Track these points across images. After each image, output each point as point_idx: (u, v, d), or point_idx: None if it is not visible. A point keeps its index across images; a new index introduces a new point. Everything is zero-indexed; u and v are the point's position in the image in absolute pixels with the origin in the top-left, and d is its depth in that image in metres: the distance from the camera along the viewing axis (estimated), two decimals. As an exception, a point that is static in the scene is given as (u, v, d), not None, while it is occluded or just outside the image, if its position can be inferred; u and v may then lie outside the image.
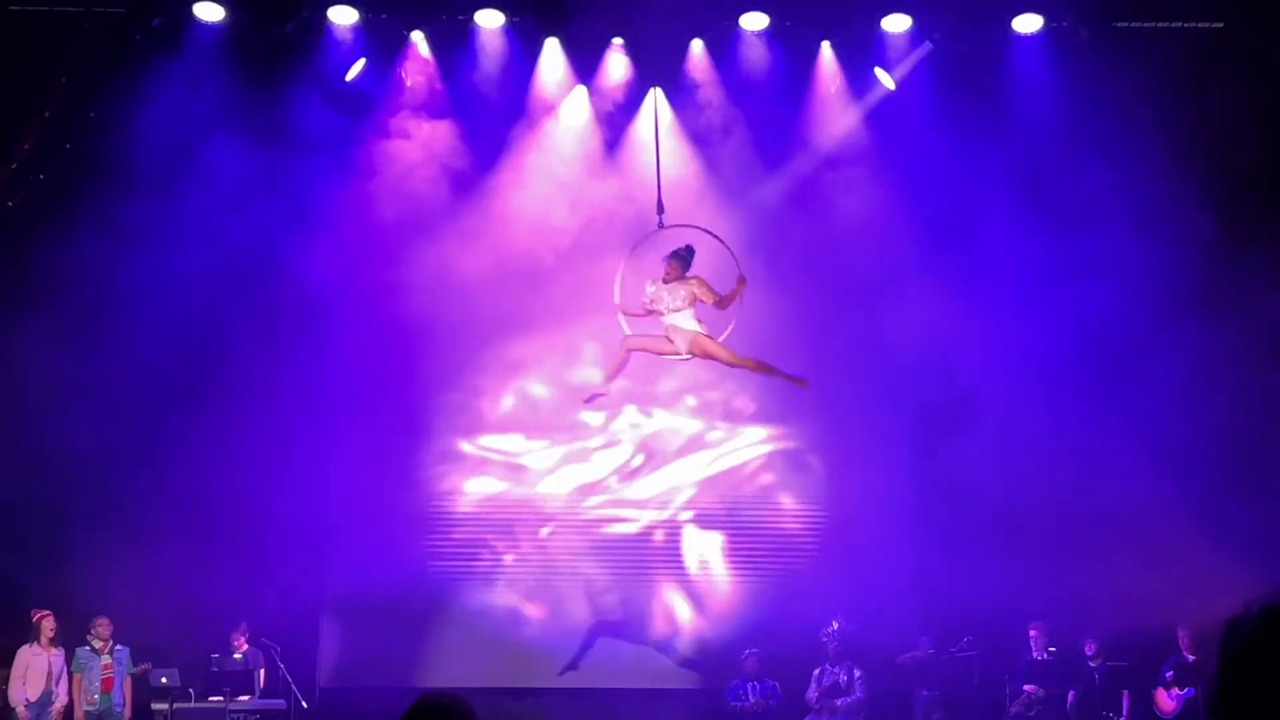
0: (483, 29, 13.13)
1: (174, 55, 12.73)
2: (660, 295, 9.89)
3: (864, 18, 13.13)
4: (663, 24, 12.90)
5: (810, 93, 13.49)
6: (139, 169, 12.53)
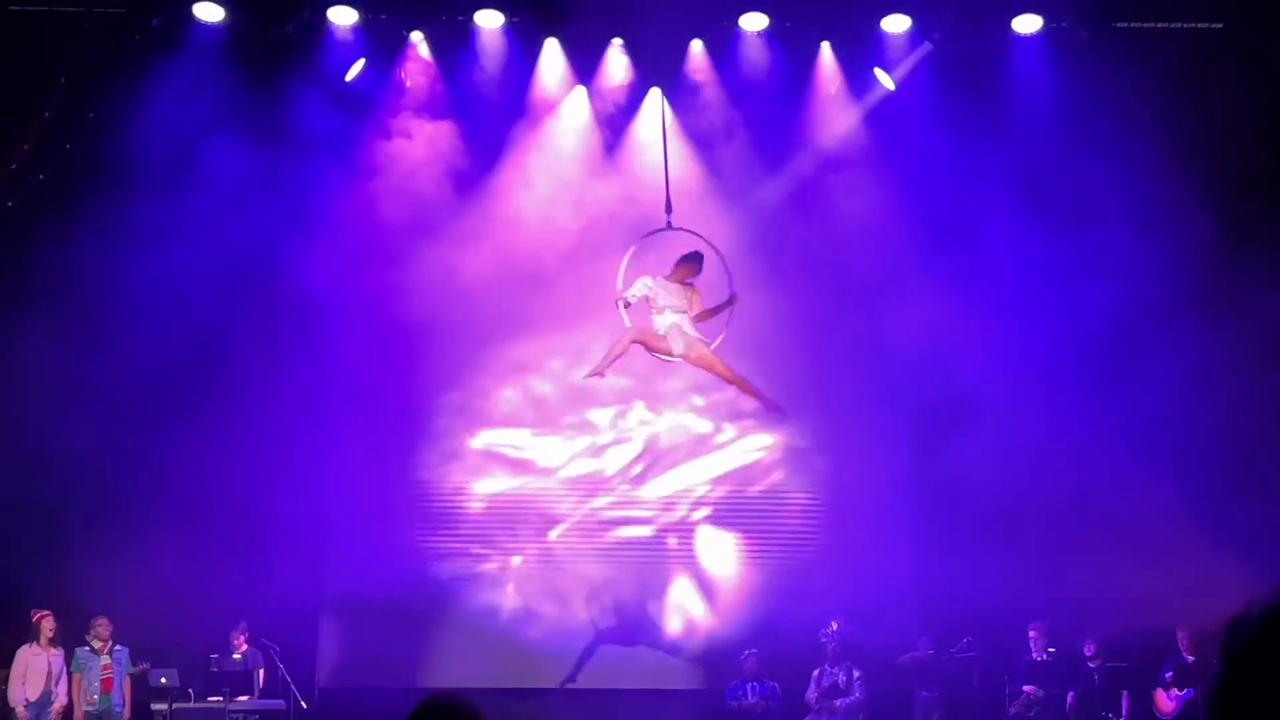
0: (482, 29, 13.14)
1: (174, 55, 12.73)
2: (658, 292, 9.91)
3: (864, 18, 13.14)
4: (662, 24, 12.91)
5: (810, 93, 13.49)
6: (139, 169, 12.53)
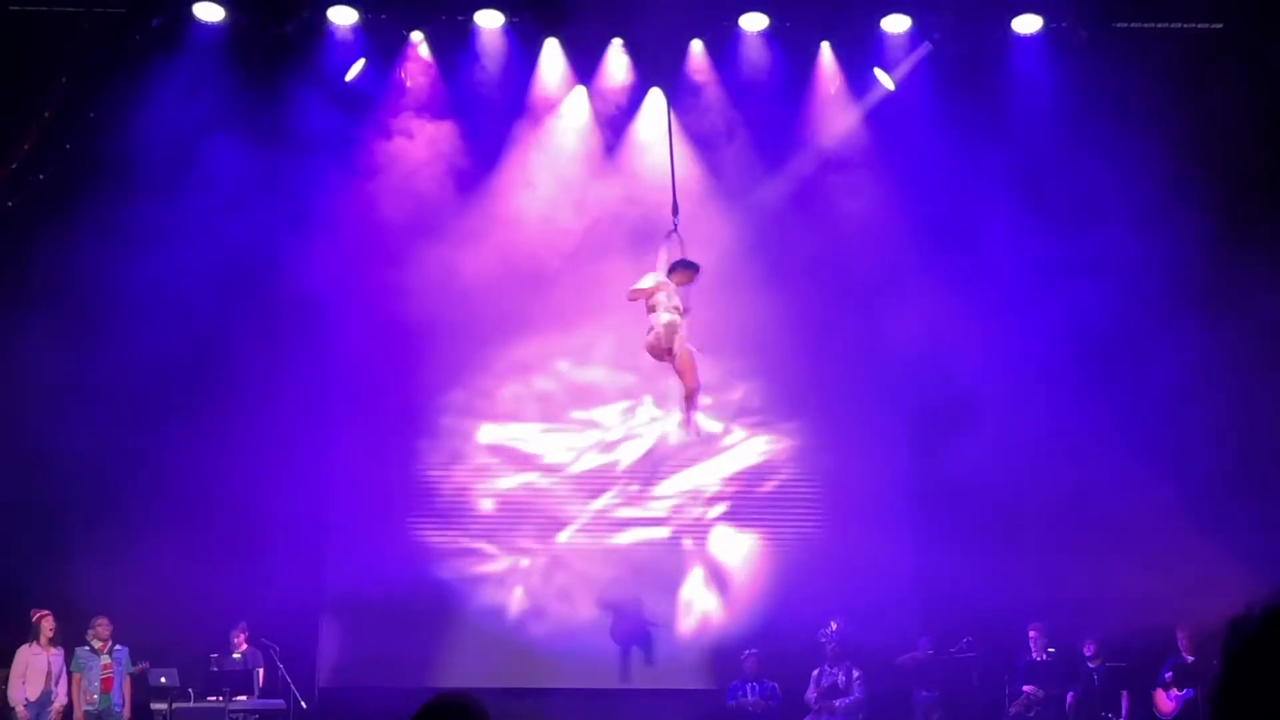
0: (482, 29, 13.14)
1: (174, 55, 12.73)
2: (667, 290, 9.89)
3: (864, 18, 13.14)
4: (662, 24, 12.91)
5: (810, 93, 13.49)
6: (139, 169, 12.53)
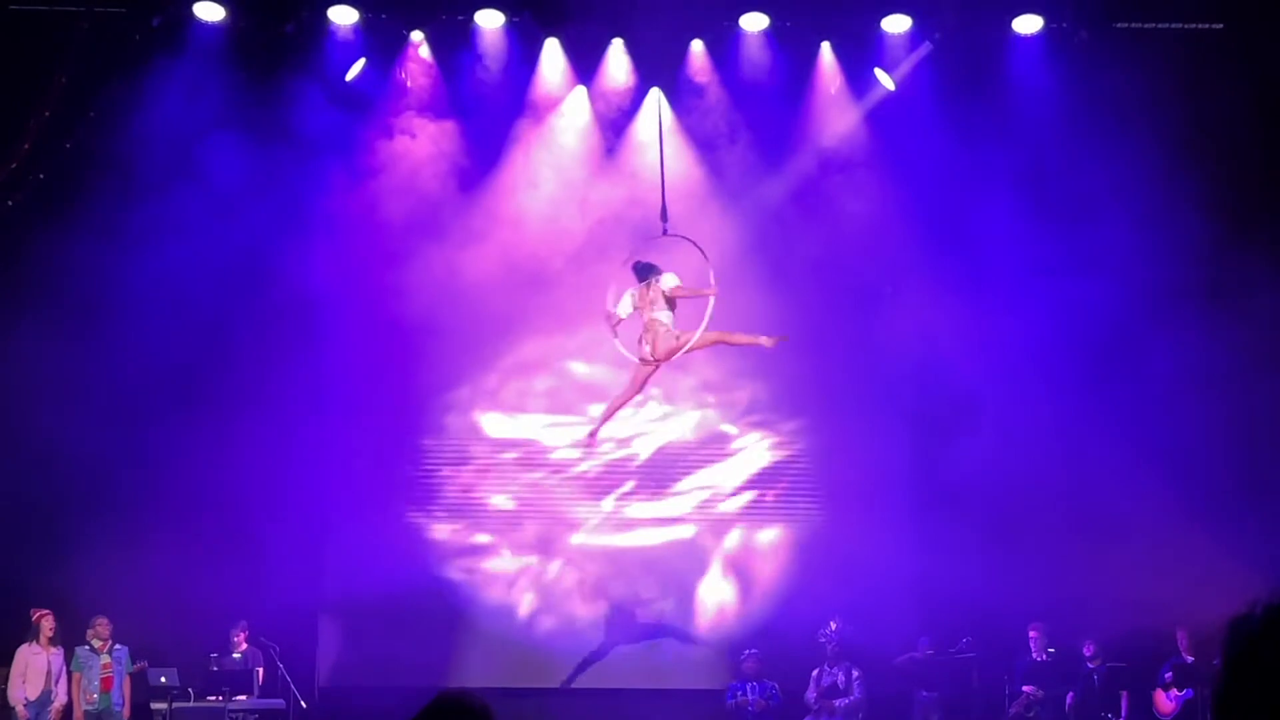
0: (482, 29, 13.14)
1: (174, 55, 12.73)
2: (640, 299, 9.88)
3: (864, 18, 13.14)
4: (662, 24, 12.91)
5: (810, 93, 13.49)
6: (139, 168, 12.54)
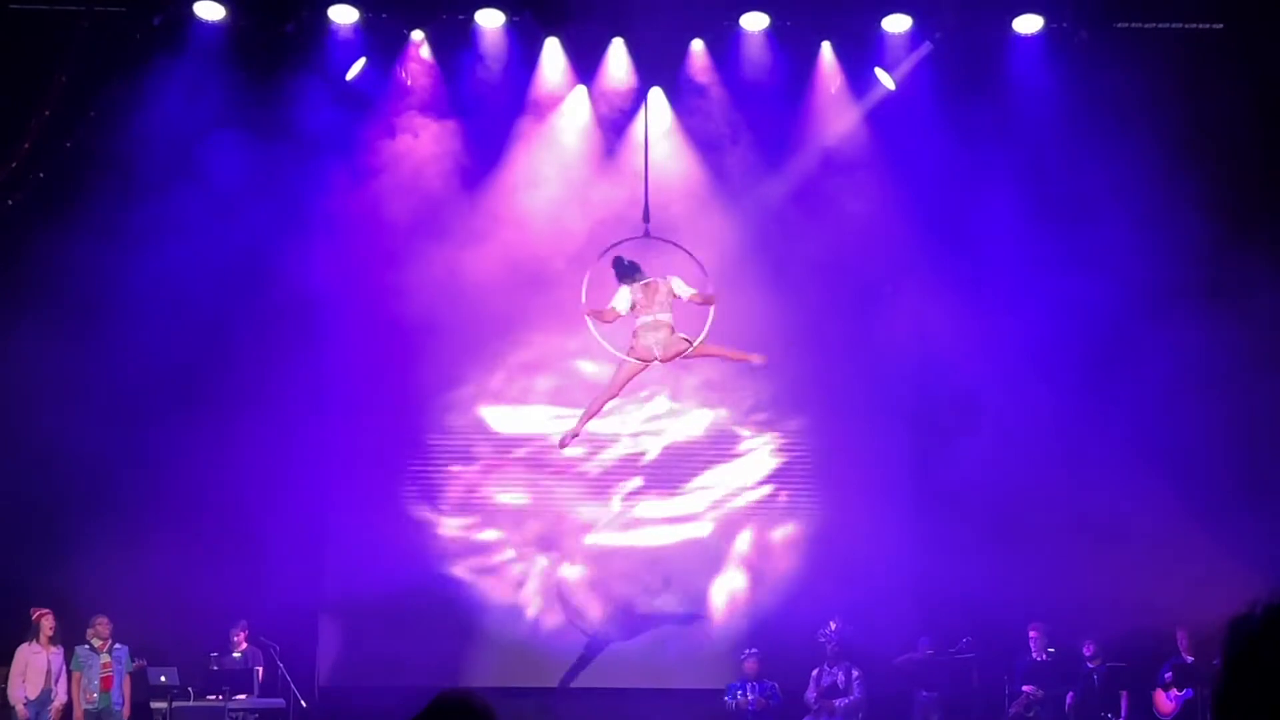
0: (483, 28, 13.13)
1: (174, 54, 12.73)
2: (638, 298, 9.84)
3: (864, 18, 13.13)
4: (663, 24, 12.91)
5: (811, 93, 13.48)
6: (139, 168, 12.53)
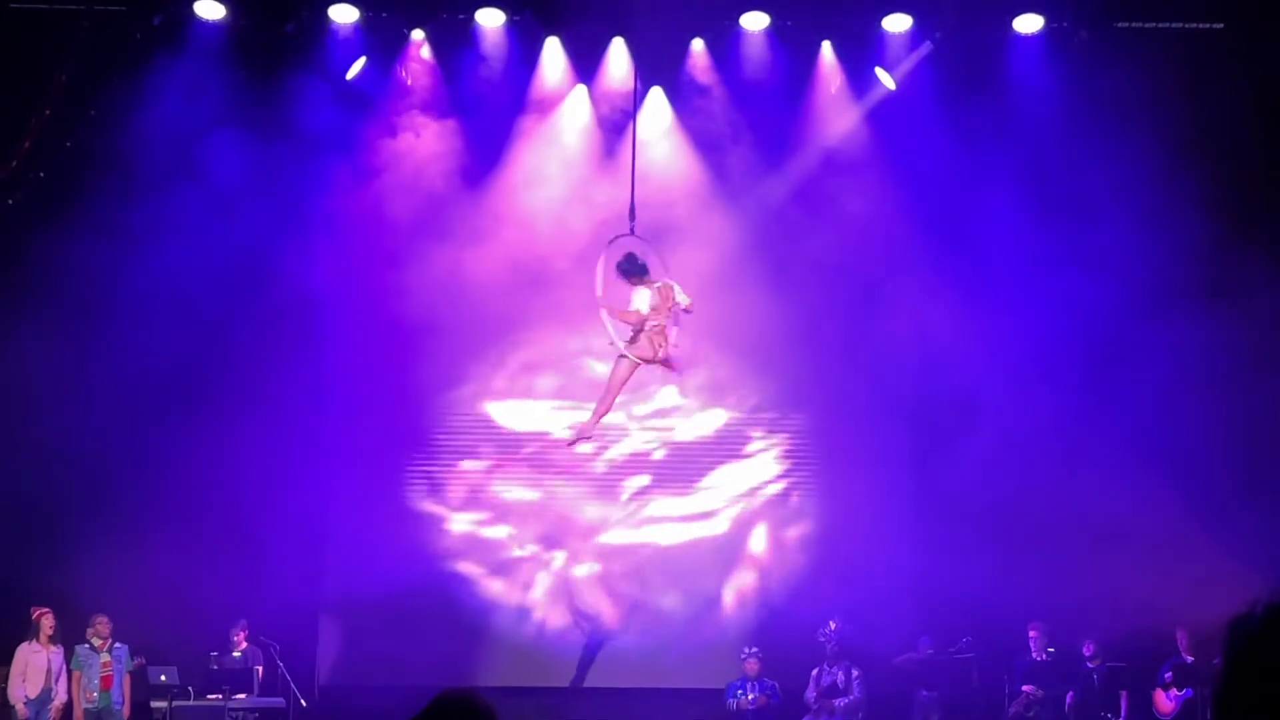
0: (483, 28, 13.13)
1: (175, 53, 12.73)
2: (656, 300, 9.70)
3: (865, 17, 13.13)
4: (663, 23, 12.91)
5: (811, 92, 13.48)
6: (139, 167, 12.54)
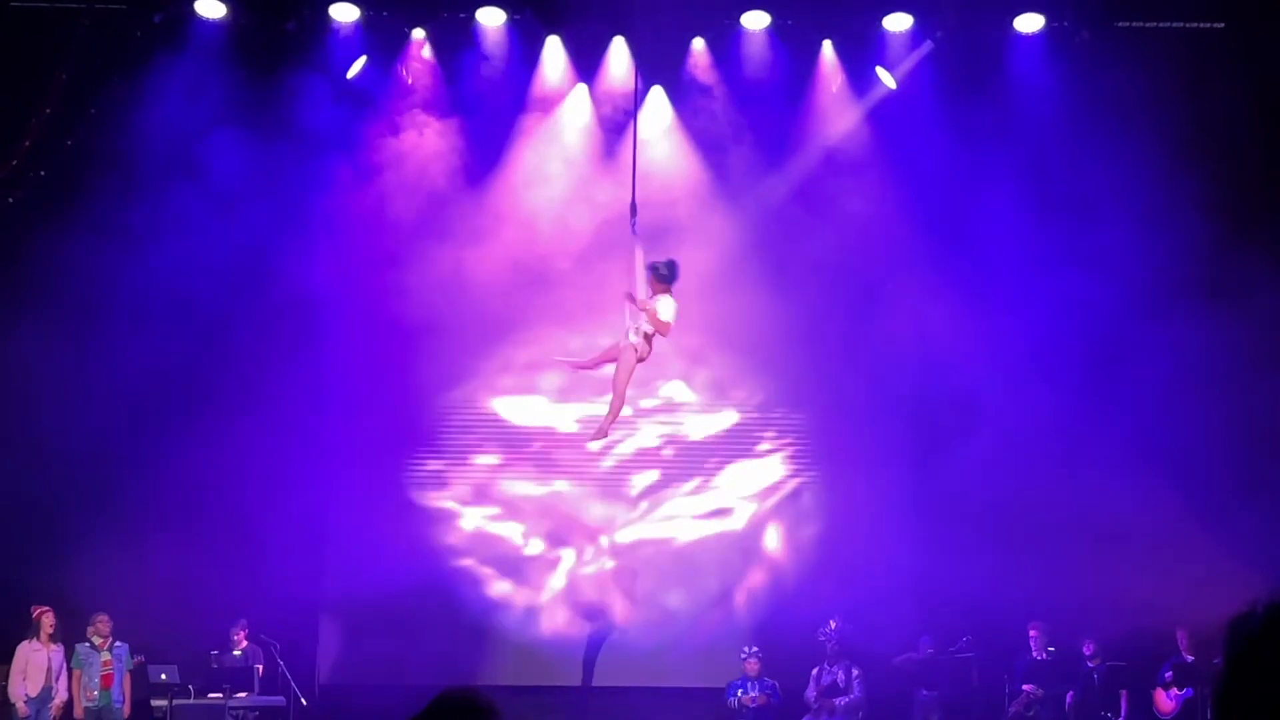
0: (484, 27, 13.13)
1: (175, 52, 12.73)
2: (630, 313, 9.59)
3: (865, 16, 13.13)
4: (664, 22, 12.90)
5: (812, 91, 13.47)
6: (140, 166, 12.55)
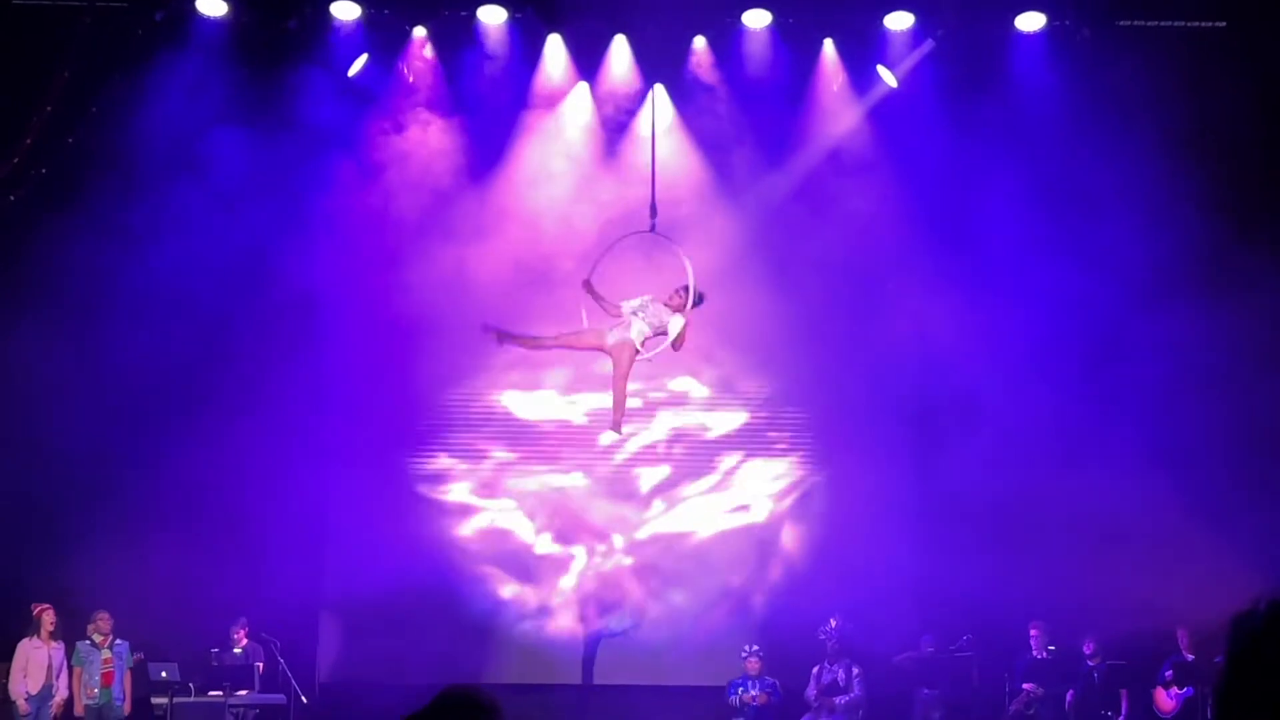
0: (485, 25, 13.12)
1: (177, 49, 12.72)
2: (648, 311, 9.64)
3: (867, 15, 13.12)
4: (665, 21, 12.90)
5: (813, 90, 13.47)
6: (141, 163, 12.54)
